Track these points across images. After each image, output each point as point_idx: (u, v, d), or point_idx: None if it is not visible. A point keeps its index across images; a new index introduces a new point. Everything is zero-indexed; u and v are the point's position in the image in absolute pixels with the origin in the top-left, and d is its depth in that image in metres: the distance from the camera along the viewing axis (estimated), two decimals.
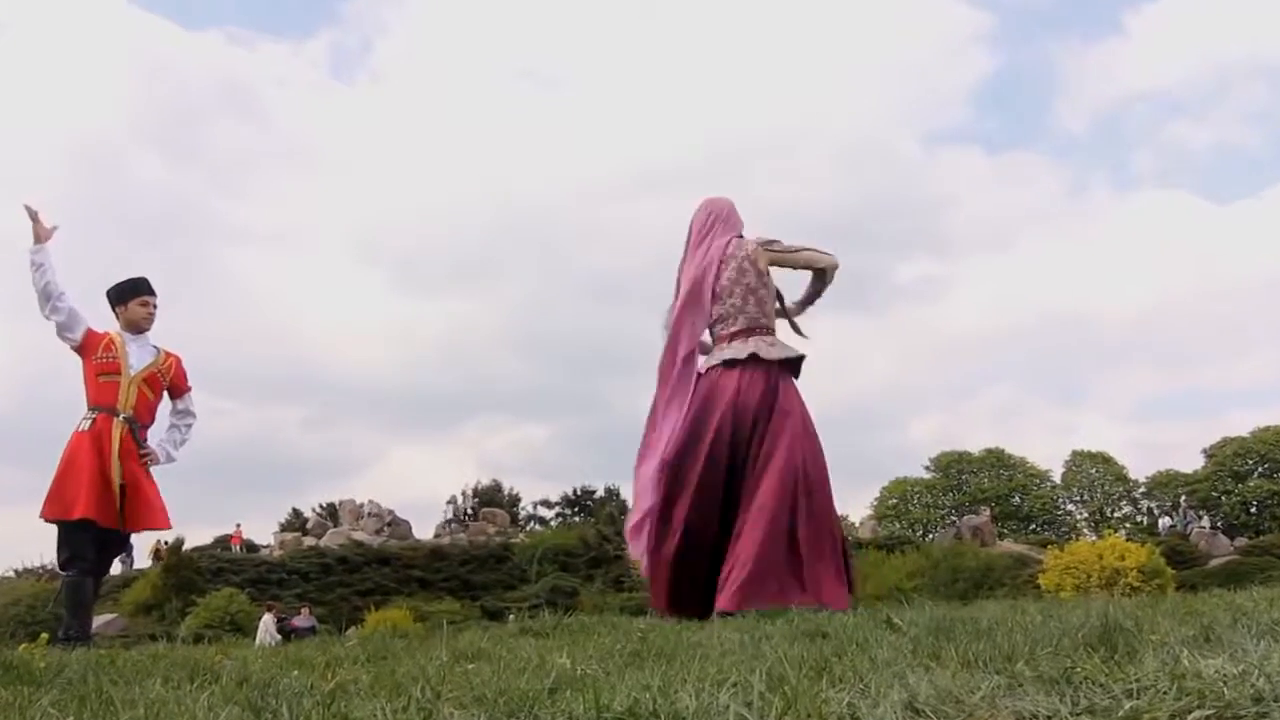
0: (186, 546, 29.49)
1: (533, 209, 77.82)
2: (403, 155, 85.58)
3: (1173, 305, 76.46)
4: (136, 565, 32.33)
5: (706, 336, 4.56)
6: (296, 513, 40.32)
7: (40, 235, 4.72)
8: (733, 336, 4.36)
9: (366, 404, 73.42)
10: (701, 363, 4.49)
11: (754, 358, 4.27)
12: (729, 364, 4.29)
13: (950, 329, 78.41)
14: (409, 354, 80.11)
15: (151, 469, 4.75)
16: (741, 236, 4.57)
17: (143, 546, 33.35)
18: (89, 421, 4.64)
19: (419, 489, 78.24)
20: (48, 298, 4.67)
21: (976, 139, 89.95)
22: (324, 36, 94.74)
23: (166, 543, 28.89)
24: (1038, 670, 1.62)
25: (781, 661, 1.85)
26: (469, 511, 36.48)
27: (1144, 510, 50.65)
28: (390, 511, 34.72)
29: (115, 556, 4.86)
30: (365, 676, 2.11)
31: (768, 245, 4.49)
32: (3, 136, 75.16)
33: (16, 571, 31.67)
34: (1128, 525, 45.68)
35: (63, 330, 4.70)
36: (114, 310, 4.90)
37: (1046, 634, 2.03)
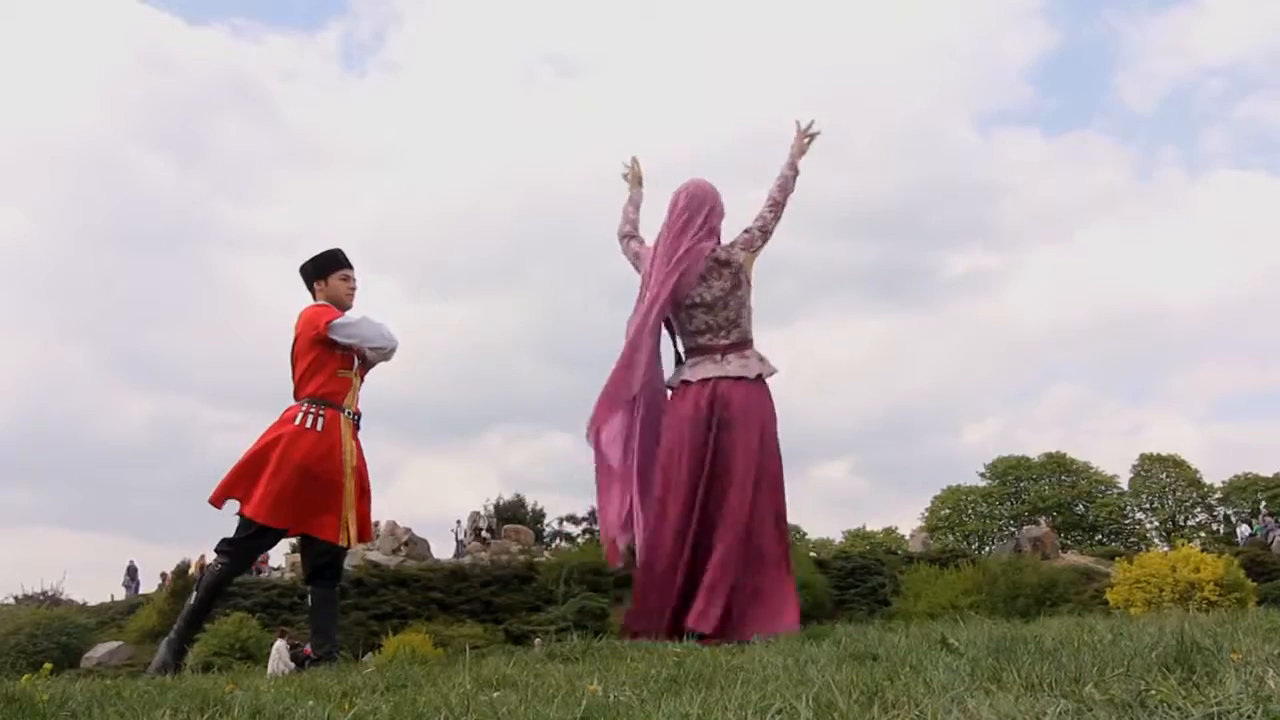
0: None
1: (558, 203, 78.21)
2: (418, 150, 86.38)
3: (1249, 295, 75.54)
4: (140, 590, 32.84)
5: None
6: None
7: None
8: (727, 350, 4.50)
9: (381, 416, 73.87)
10: (675, 374, 4.60)
11: (759, 377, 4.50)
12: (735, 379, 4.46)
13: (1007, 325, 77.97)
14: (425, 362, 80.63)
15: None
16: (718, 239, 4.64)
17: (151, 570, 33.83)
18: (319, 419, 4.39)
19: (437, 505, 78.79)
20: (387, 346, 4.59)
21: (1034, 120, 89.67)
22: (334, 27, 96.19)
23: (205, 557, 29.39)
24: (1108, 694, 1.60)
25: (829, 687, 1.84)
26: (488, 530, 36.60)
27: (1220, 518, 49.96)
28: (407, 530, 34.93)
29: (343, 559, 4.55)
30: (384, 706, 2.12)
31: (747, 246, 4.61)
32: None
33: (16, 598, 32.13)
34: (1203, 534, 45.10)
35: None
36: (311, 287, 4.66)
37: (1117, 654, 2.01)
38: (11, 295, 72.06)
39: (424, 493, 67.98)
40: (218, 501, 4.33)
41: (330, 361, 4.49)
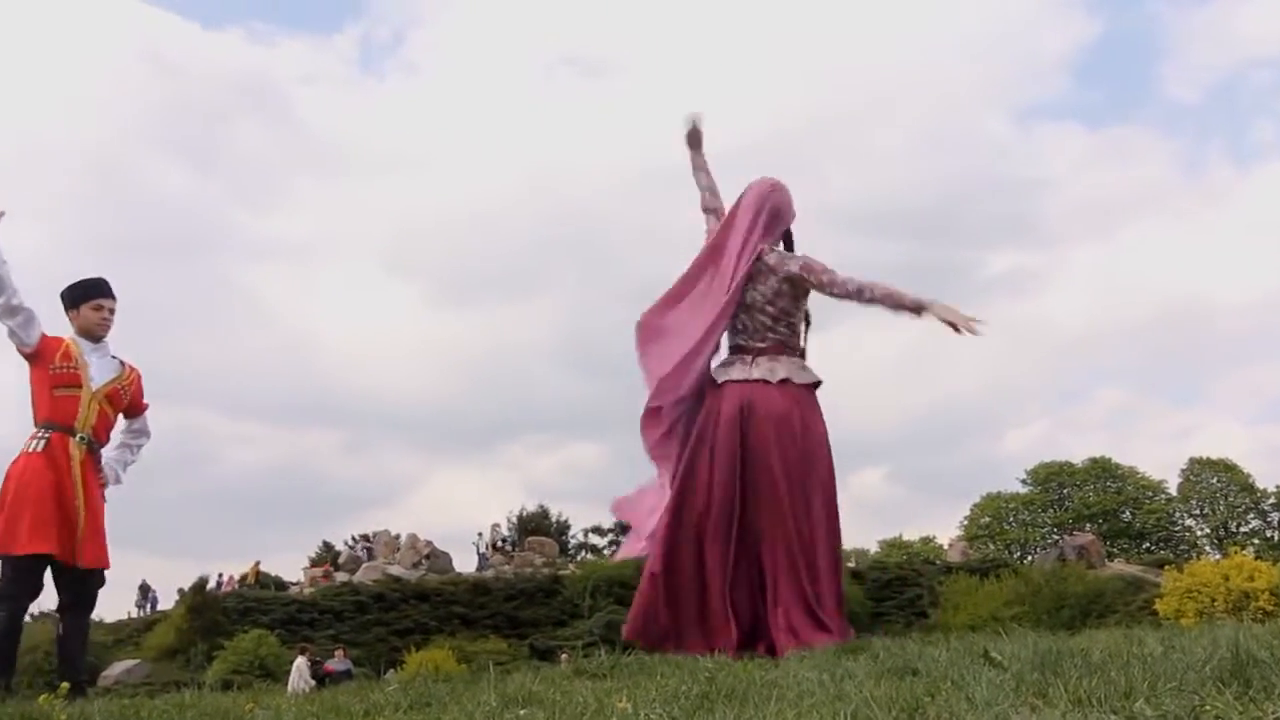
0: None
1: (579, 208, 78.34)
2: (437, 155, 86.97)
3: None
4: (160, 606, 33.14)
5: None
6: (328, 546, 40.94)
7: None
8: (759, 354, 4.45)
9: (401, 426, 74.38)
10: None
11: (786, 382, 4.41)
12: (760, 383, 4.38)
13: (1049, 326, 77.39)
14: (447, 370, 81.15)
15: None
16: (777, 245, 4.55)
17: (166, 585, 34.10)
18: (42, 441, 4.46)
19: (460, 517, 79.04)
20: (0, 290, 4.42)
21: (1075, 113, 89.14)
22: (352, 30, 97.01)
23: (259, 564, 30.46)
24: (1160, 709, 1.58)
25: (868, 703, 1.83)
26: (509, 543, 36.68)
27: (1274, 524, 49.36)
28: (428, 543, 35.08)
29: (96, 590, 4.65)
30: None
31: (806, 271, 4.42)
32: (8, 144, 77.74)
33: (32, 616, 32.45)
34: (1256, 541, 44.58)
35: (17, 331, 4.48)
36: (67, 315, 4.72)
37: (1168, 668, 1.99)
38: None
39: (445, 504, 68.35)
40: None
41: (44, 381, 4.54)
